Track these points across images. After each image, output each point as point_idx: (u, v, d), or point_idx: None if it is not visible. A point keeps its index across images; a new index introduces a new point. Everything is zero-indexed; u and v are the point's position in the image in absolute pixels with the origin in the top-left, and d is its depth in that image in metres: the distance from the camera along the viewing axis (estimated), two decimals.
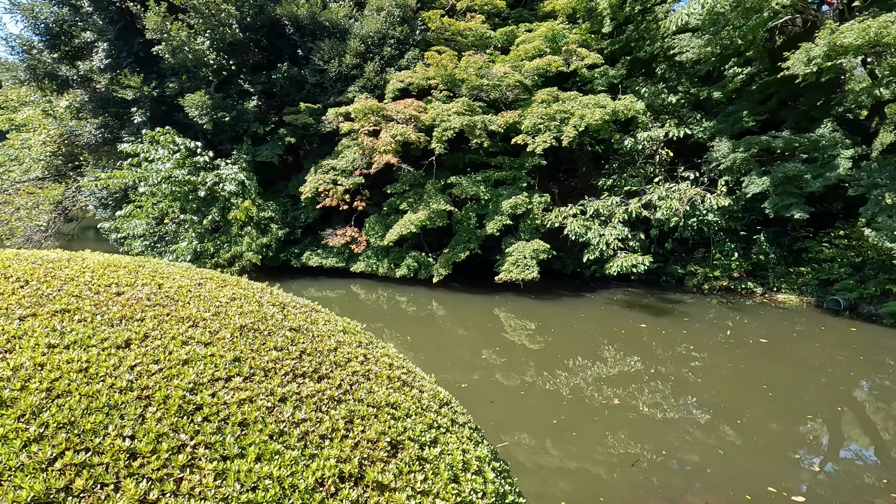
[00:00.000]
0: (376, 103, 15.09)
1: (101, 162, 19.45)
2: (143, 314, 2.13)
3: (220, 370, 1.80)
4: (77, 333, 1.89)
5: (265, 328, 2.27)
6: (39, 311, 2.03)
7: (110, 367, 1.69)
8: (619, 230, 13.85)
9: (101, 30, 17.14)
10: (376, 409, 1.91)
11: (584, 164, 20.27)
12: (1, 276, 2.36)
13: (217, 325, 2.16)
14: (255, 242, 16.12)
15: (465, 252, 15.09)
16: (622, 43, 18.28)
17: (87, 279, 2.48)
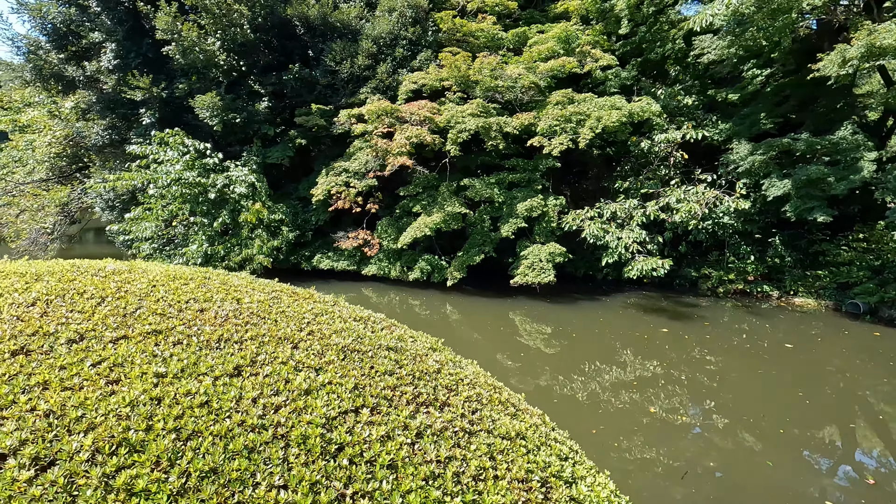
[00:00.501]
0: (390, 105, 14.92)
1: (109, 163, 19.23)
2: (239, 335, 1.95)
3: (344, 401, 1.62)
4: (181, 360, 1.72)
5: (364, 349, 2.09)
6: (130, 333, 1.85)
7: (231, 400, 1.51)
8: (637, 233, 13.69)
9: (110, 30, 16.95)
10: (509, 440, 1.73)
11: (595, 166, 20.14)
12: (74, 293, 2.18)
13: (318, 347, 1.97)
14: (266, 245, 15.92)
15: (479, 255, 14.92)
16: (634, 44, 18.18)
17: (162, 294, 2.30)
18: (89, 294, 2.17)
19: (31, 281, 2.30)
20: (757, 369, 9.42)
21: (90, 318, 1.95)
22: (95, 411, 1.38)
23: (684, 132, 14.14)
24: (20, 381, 1.51)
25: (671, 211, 14.09)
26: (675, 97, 15.30)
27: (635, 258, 13.66)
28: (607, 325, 12.80)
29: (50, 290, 2.17)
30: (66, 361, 1.63)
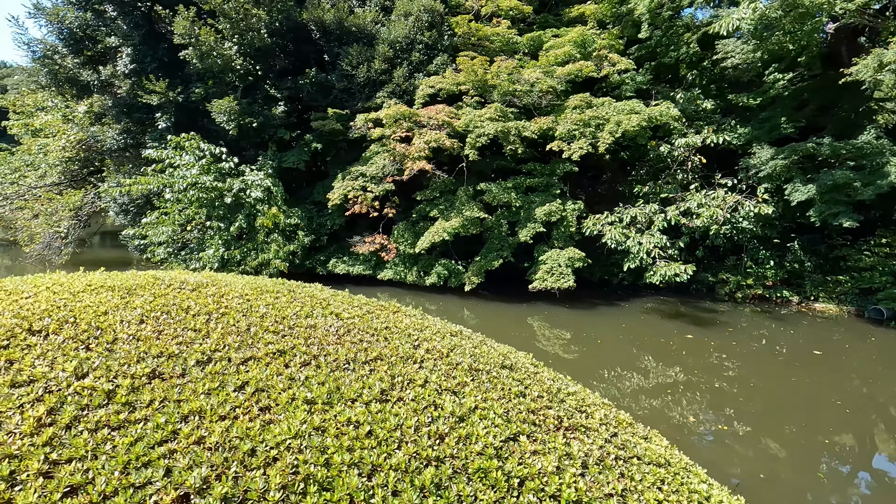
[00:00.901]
0: (408, 109, 14.88)
1: (123, 168, 19.23)
2: (364, 356, 1.87)
3: (500, 428, 1.54)
4: (321, 383, 1.63)
5: (484, 367, 2.00)
6: (256, 354, 1.77)
7: (392, 429, 1.42)
8: (658, 238, 13.59)
9: (126, 35, 16.97)
10: (661, 468, 1.64)
11: (609, 170, 20.06)
12: (178, 308, 2.11)
13: (444, 367, 1.89)
14: (282, 250, 15.87)
15: (498, 260, 14.83)
16: (649, 48, 18.13)
17: (264, 310, 2.22)
18: (194, 310, 2.10)
19: (126, 296, 2.23)
20: (790, 377, 9.29)
21: (208, 337, 1.87)
22: (263, 443, 1.29)
23: (704, 136, 14.05)
24: (171, 408, 1.43)
25: (691, 216, 13.99)
26: (693, 101, 15.21)
27: (656, 263, 13.56)
28: (630, 330, 12.69)
29: (152, 306, 2.10)
30: (208, 386, 1.55)
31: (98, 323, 1.89)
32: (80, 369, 1.60)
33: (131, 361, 1.65)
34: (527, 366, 2.28)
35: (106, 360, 1.63)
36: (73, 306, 2.05)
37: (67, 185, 23.24)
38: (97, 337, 1.79)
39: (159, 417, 1.34)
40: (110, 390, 1.49)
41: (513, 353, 2.48)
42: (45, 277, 2.69)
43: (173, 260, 16.68)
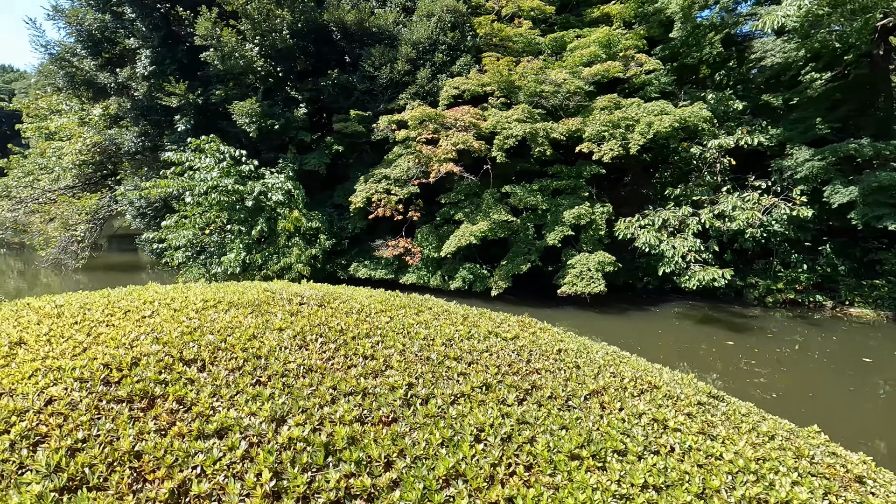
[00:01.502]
0: (433, 110, 14.62)
1: (140, 171, 19.01)
2: (582, 388, 1.56)
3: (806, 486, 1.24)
4: (563, 427, 1.33)
5: (689, 399, 1.70)
6: (462, 389, 1.47)
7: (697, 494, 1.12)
8: (691, 242, 13.26)
9: (145, 36, 16.78)
10: None
11: (632, 172, 19.74)
12: (329, 329, 1.81)
13: (664, 400, 1.58)
14: (304, 254, 15.60)
15: (526, 264, 14.52)
16: (673, 49, 17.84)
17: (424, 332, 1.92)
18: (350, 332, 1.80)
19: (256, 313, 1.94)
20: (847, 385, 8.95)
21: (390, 367, 1.57)
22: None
23: (738, 137, 13.74)
24: (422, 471, 1.13)
25: (725, 218, 13.66)
26: (724, 102, 14.90)
27: (690, 267, 13.22)
28: (668, 337, 12.36)
29: (298, 327, 1.81)
30: (441, 436, 1.26)
31: (254, 349, 1.62)
32: (273, 412, 1.32)
33: (324, 401, 1.37)
34: (702, 393, 1.98)
35: (291, 398, 1.37)
36: (207, 327, 1.78)
37: (82, 188, 23.06)
38: (263, 367, 1.52)
39: (414, 484, 1.06)
40: (327, 443, 1.21)
41: (664, 370, 2.18)
42: (145, 291, 2.42)
43: (192, 264, 16.42)
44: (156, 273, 21.17)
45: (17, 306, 2.41)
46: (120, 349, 1.77)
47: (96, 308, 2.26)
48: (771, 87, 17.38)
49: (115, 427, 1.38)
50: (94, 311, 2.22)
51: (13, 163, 26.84)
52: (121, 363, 1.67)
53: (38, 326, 2.08)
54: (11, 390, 1.55)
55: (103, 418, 1.41)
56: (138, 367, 1.63)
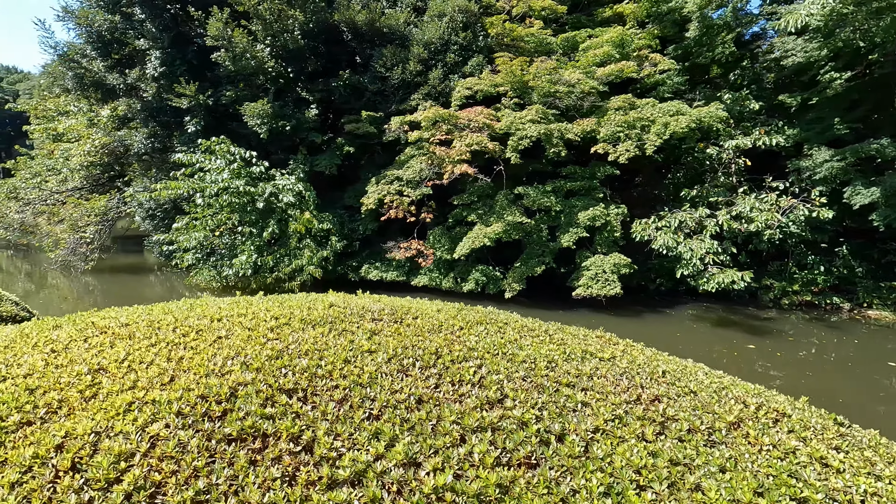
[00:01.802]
0: (446, 111, 14.50)
1: (150, 172, 18.92)
2: (731, 423, 1.43)
3: None
4: (727, 468, 1.19)
5: (820, 430, 1.56)
6: (595, 422, 1.33)
7: None
8: (709, 244, 13.11)
9: (155, 37, 16.69)
10: None
11: (643, 173, 19.59)
12: (423, 352, 1.68)
13: (803, 430, 1.45)
14: (315, 256, 15.48)
15: (540, 266, 14.39)
16: (686, 48, 17.70)
17: (523, 354, 1.78)
18: (446, 356, 1.68)
19: (337, 332, 1.82)
20: (878, 392, 8.80)
21: (505, 397, 1.44)
22: None
23: (756, 138, 13.57)
24: None
25: (742, 220, 13.50)
26: (740, 102, 14.73)
27: (708, 269, 13.07)
28: (687, 340, 12.20)
29: (391, 349, 1.68)
30: (602, 483, 1.12)
31: (353, 376, 1.49)
32: (405, 454, 1.19)
33: (452, 439, 1.25)
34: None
35: (413, 435, 1.23)
36: (294, 349, 1.65)
37: (90, 190, 23.01)
38: (370, 398, 1.39)
39: None
40: (479, 493, 1.09)
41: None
42: (207, 306, 2.29)
43: (202, 266, 16.32)
44: (164, 275, 21.09)
45: (79, 324, 2.29)
46: (211, 377, 1.65)
47: (165, 327, 2.13)
48: (784, 87, 17.21)
49: (234, 473, 1.25)
50: (164, 330, 2.10)
51: (20, 164, 26.83)
52: (219, 395, 1.54)
53: (113, 350, 1.96)
54: (108, 428, 1.43)
55: (218, 462, 1.28)
56: (238, 399, 1.50)
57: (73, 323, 2.36)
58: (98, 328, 2.21)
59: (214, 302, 2.64)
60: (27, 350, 2.15)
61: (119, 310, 2.74)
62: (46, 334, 2.30)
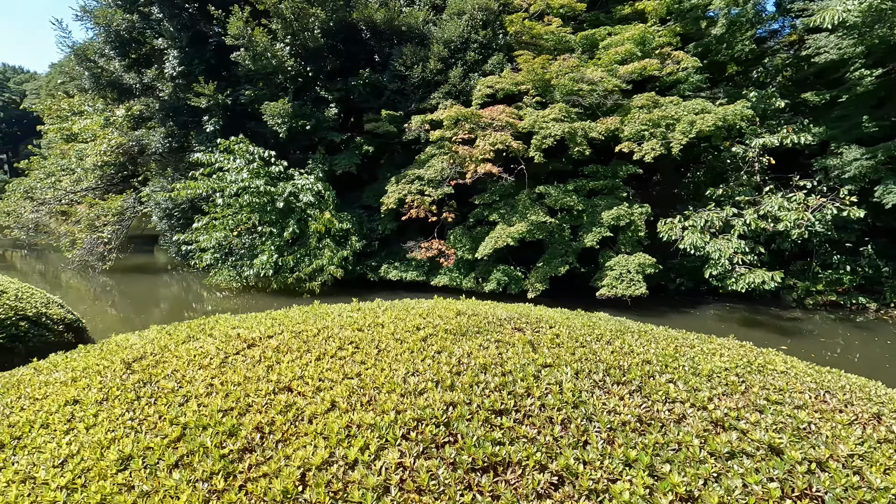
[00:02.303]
0: (469, 109, 14.39)
1: (167, 172, 18.88)
2: None
3: None
4: None
5: None
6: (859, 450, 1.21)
7: None
8: (736, 243, 12.97)
9: (173, 36, 16.63)
10: None
11: (662, 172, 19.45)
12: (610, 368, 1.56)
13: None
14: (336, 256, 15.41)
15: (564, 266, 14.28)
16: (706, 46, 17.55)
17: (715, 368, 1.66)
18: (633, 374, 1.56)
19: (481, 342, 1.71)
20: None
21: (755, 422, 1.32)
22: None
23: (783, 136, 13.42)
24: None
25: (768, 219, 13.35)
26: (766, 99, 14.58)
27: (735, 269, 12.93)
28: None
29: (567, 362, 1.58)
30: None
31: (557, 394, 1.38)
32: (684, 488, 1.08)
33: (712, 469, 1.14)
34: None
35: (677, 465, 1.11)
36: (466, 364, 1.54)
37: (104, 189, 23.01)
38: (588, 418, 1.27)
39: None
40: None
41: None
42: (328, 314, 2.20)
43: (221, 266, 16.29)
44: (179, 275, 21.08)
45: (216, 335, 2.20)
46: (412, 397, 1.55)
47: (313, 338, 2.04)
48: (807, 85, 17.03)
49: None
50: (314, 341, 2.00)
51: (34, 164, 26.91)
52: (435, 417, 1.44)
53: (291, 365, 1.86)
54: (342, 457, 1.31)
55: (481, 496, 1.16)
56: (454, 422, 1.39)
57: (203, 332, 2.27)
58: (244, 340, 2.11)
59: (329, 310, 2.54)
60: (181, 365, 2.05)
61: (237, 319, 2.64)
62: (186, 346, 2.21)
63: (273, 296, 15.68)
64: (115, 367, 2.15)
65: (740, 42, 17.35)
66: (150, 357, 2.15)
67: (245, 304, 15.53)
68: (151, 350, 2.22)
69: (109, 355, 2.30)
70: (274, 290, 15.69)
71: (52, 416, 1.81)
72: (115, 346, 2.46)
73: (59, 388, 2.03)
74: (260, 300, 15.71)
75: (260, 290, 16.18)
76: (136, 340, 2.44)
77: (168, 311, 15.68)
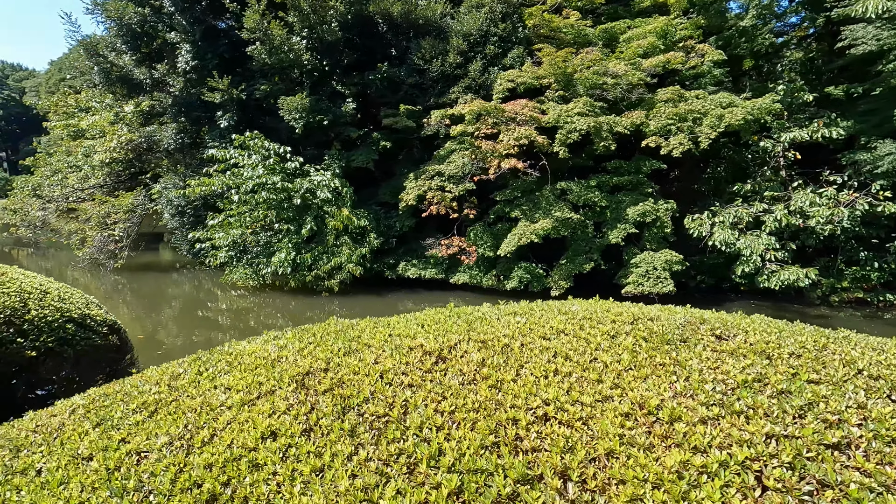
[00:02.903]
0: (492, 104, 14.10)
1: (179, 168, 18.58)
2: None
3: None
4: None
5: None
6: None
7: None
8: (766, 240, 12.73)
9: (186, 30, 16.30)
10: None
11: (683, 167, 19.19)
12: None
13: None
14: (355, 253, 15.15)
15: (588, 263, 14.04)
16: (727, 39, 17.30)
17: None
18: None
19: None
20: None
21: None
22: None
23: (813, 130, 13.16)
24: None
25: (798, 215, 13.11)
26: (793, 93, 14.31)
27: (766, 266, 12.69)
28: None
29: None
30: None
31: (816, 411, 1.10)
32: None
33: None
34: None
35: None
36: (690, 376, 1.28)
37: (112, 187, 22.70)
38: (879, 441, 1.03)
39: None
40: None
41: None
42: (485, 320, 1.92)
43: (237, 265, 16.01)
44: (191, 273, 20.80)
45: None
46: (707, 426, 1.29)
47: (512, 350, 1.79)
48: (830, 79, 16.77)
49: None
50: (514, 354, 1.74)
51: (40, 161, 26.54)
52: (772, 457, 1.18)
53: (518, 384, 1.59)
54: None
55: None
56: (801, 462, 1.14)
57: (360, 343, 1.98)
58: (428, 352, 1.83)
59: (479, 312, 2.29)
60: (381, 387, 1.74)
61: (382, 324, 2.35)
62: (357, 360, 1.90)
63: (291, 294, 15.43)
64: (284, 383, 1.86)
65: (760, 36, 17.10)
66: (319, 373, 1.85)
67: (262, 302, 15.27)
68: (319, 366, 1.92)
69: (277, 372, 1.99)
70: (291, 289, 15.43)
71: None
72: (264, 358, 2.14)
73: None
74: (277, 298, 15.45)
75: (276, 289, 15.92)
76: (289, 354, 2.14)
77: (188, 309, 15.40)
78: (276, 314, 14.34)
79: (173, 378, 2.15)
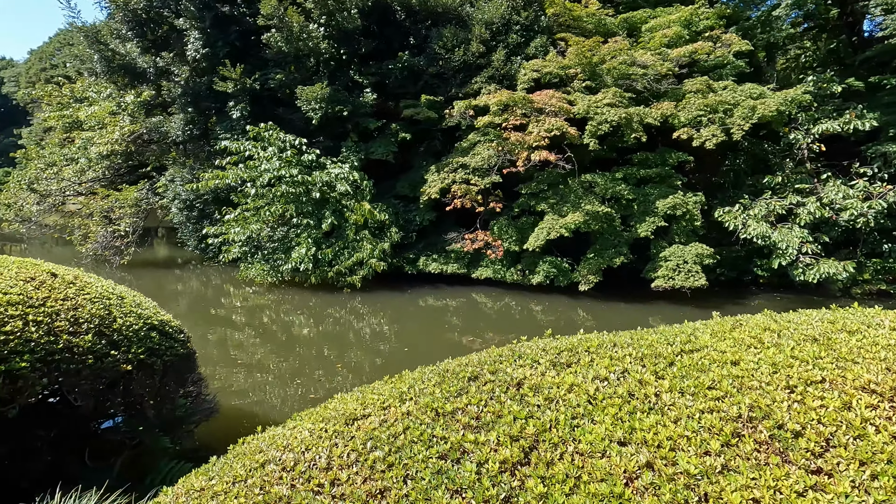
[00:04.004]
0: (520, 94, 13.75)
1: (188, 161, 17.92)
2: None
3: None
4: None
5: None
6: None
7: None
8: (800, 232, 12.64)
9: (195, 17, 15.61)
10: None
11: (708, 160, 19.05)
12: None
13: None
14: (377, 248, 14.75)
15: (618, 257, 13.82)
16: (748, 30, 17.15)
17: None
18: None
19: None
20: None
21: None
22: None
23: (845, 122, 13.06)
24: None
25: (828, 208, 13.04)
26: (825, 84, 14.19)
27: (800, 259, 12.60)
28: None
29: None
30: None
31: None
32: None
33: None
34: None
35: None
36: None
37: (111, 180, 21.91)
38: None
39: None
40: None
41: None
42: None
43: (253, 260, 15.51)
44: (201, 269, 20.20)
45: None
46: None
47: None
48: (852, 70, 16.71)
49: None
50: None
51: (32, 153, 25.49)
52: None
53: None
54: None
55: None
56: None
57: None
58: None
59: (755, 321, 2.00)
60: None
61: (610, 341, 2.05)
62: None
63: (311, 290, 14.98)
64: None
65: (778, 27, 16.96)
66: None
67: (281, 298, 14.81)
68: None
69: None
70: (311, 285, 14.98)
71: None
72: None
73: None
74: (296, 295, 14.99)
75: (294, 285, 15.45)
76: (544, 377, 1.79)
77: (206, 306, 14.84)
78: (296, 311, 13.88)
79: None
